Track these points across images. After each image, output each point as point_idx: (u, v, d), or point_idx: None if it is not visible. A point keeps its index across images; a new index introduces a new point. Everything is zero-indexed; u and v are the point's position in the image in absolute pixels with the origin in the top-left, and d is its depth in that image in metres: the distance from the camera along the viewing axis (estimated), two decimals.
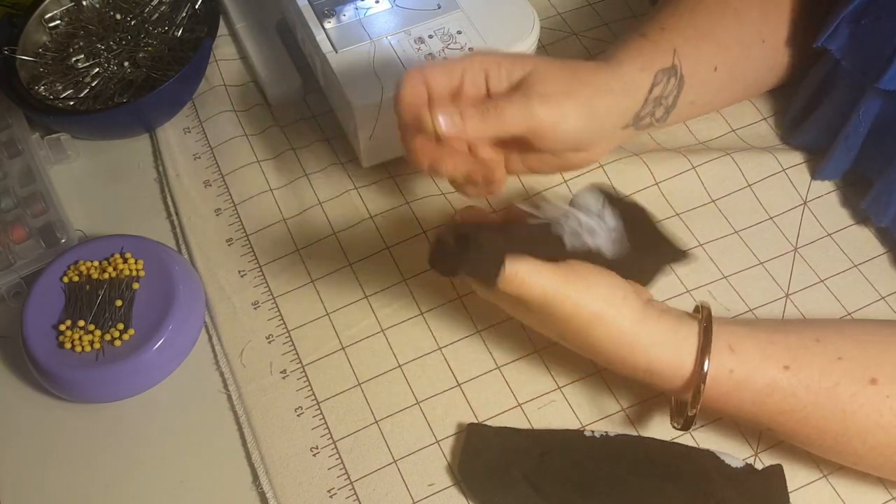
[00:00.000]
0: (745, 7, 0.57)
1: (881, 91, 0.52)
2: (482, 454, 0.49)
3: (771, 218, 0.60)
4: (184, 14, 0.69)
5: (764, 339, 0.46)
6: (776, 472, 0.49)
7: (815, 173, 0.60)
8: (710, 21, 0.56)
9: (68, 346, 0.53)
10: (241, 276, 0.59)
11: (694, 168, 0.61)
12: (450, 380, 0.54)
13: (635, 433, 0.51)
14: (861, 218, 0.59)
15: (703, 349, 0.44)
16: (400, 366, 0.55)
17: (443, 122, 0.44)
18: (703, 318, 0.45)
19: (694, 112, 0.61)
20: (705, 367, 0.44)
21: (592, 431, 0.50)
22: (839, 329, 0.48)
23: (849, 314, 0.55)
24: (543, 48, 0.70)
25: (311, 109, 0.68)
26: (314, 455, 0.51)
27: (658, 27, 0.54)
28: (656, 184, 0.61)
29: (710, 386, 0.44)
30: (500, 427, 0.51)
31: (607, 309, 0.44)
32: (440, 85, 0.46)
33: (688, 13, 0.56)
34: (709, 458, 0.49)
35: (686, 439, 0.51)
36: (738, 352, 0.45)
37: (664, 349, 0.45)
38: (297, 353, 0.55)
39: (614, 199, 0.48)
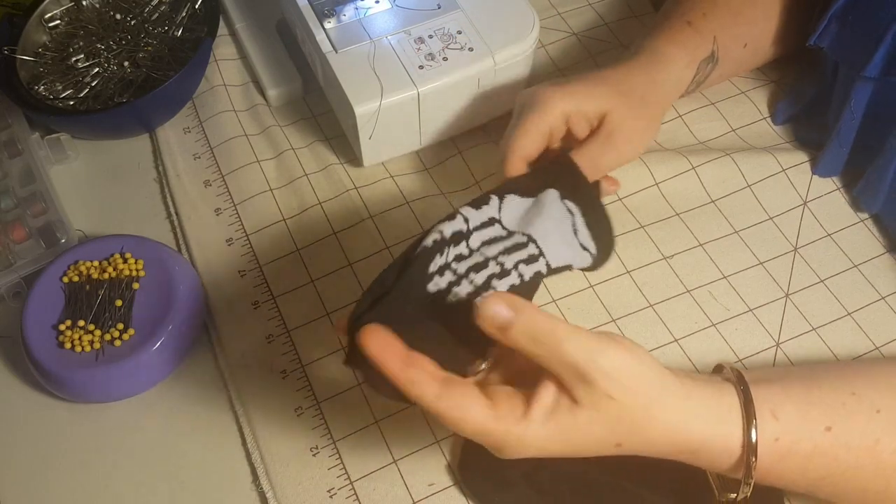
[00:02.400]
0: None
1: (868, 80, 0.54)
2: (482, 455, 0.49)
3: (771, 218, 0.60)
4: (184, 14, 0.69)
5: (802, 399, 0.42)
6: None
7: (814, 169, 0.61)
8: (743, 3, 0.60)
9: (68, 346, 0.53)
10: (241, 276, 0.59)
11: (694, 168, 0.61)
12: None
13: None
14: (861, 218, 0.60)
15: (749, 419, 0.40)
16: None
17: None
18: (740, 384, 0.41)
19: (715, 81, 0.64)
20: (753, 438, 0.40)
21: None
22: (869, 377, 0.45)
23: (849, 314, 0.55)
24: (543, 48, 0.70)
25: (311, 109, 0.68)
26: (314, 455, 0.51)
27: (700, 13, 0.58)
28: (656, 184, 0.61)
29: (758, 457, 0.40)
30: None
31: (655, 397, 0.39)
32: (535, 152, 0.52)
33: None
34: None
35: None
36: (781, 418, 0.41)
37: (714, 425, 0.40)
38: (297, 353, 0.55)
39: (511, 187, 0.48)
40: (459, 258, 0.46)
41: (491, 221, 0.48)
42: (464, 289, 0.45)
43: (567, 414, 0.38)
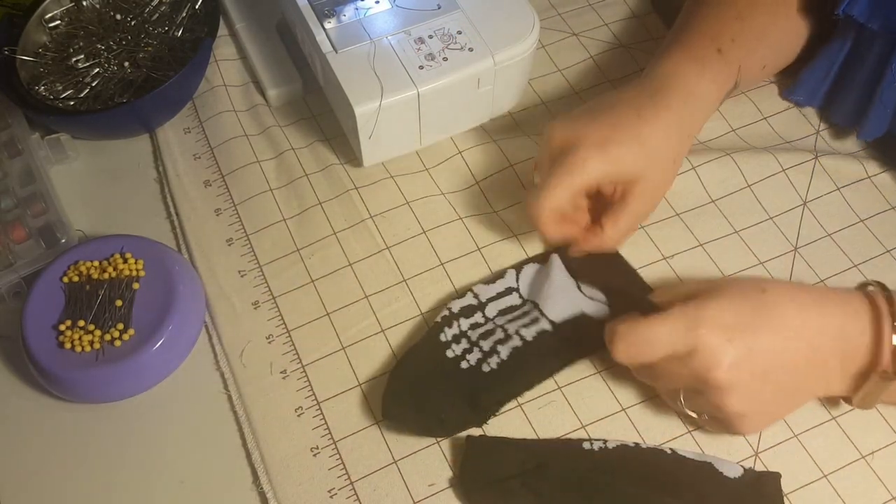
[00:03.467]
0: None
1: None
2: (482, 466, 0.49)
3: (771, 218, 0.60)
4: (184, 14, 0.69)
5: None
6: (772, 482, 0.49)
7: (858, 133, 0.61)
8: (767, 23, 0.58)
9: (68, 346, 0.53)
10: (241, 276, 0.59)
11: (694, 168, 0.61)
12: None
13: (635, 434, 0.51)
14: (861, 218, 0.60)
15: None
16: None
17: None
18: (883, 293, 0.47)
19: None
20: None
21: (591, 443, 0.50)
22: None
23: None
24: (543, 48, 0.70)
25: (311, 109, 0.68)
26: (314, 455, 0.51)
27: (729, 38, 0.56)
28: None
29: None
30: (499, 438, 0.51)
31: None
32: (568, 209, 0.53)
33: (749, 17, 0.57)
34: (706, 470, 0.49)
35: (687, 440, 0.51)
36: None
37: (852, 318, 0.46)
38: (297, 353, 0.55)
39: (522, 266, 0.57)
40: (475, 326, 0.54)
41: (508, 291, 0.56)
42: (474, 355, 0.53)
43: (693, 303, 0.46)
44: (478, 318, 0.54)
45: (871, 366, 0.46)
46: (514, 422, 0.52)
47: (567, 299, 0.54)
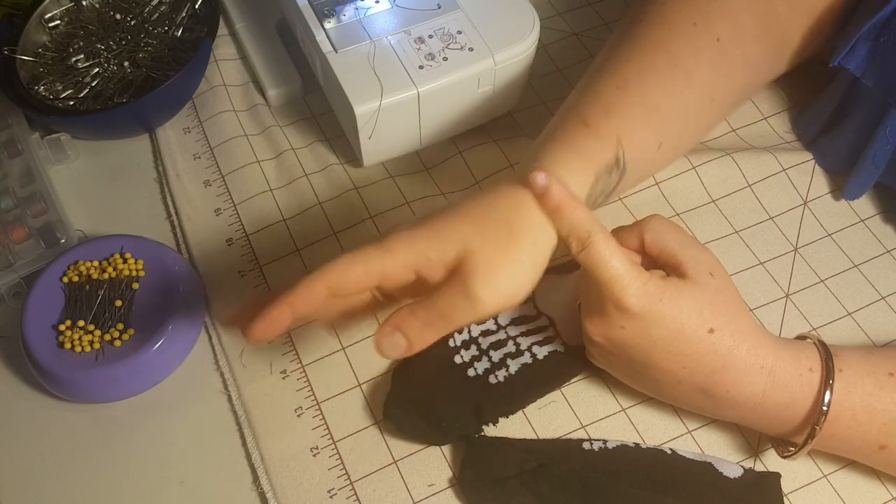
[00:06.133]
0: (697, 66, 0.50)
1: None
2: (482, 466, 0.49)
3: (771, 218, 0.60)
4: (184, 14, 0.69)
5: (862, 352, 0.46)
6: (772, 483, 0.49)
7: (844, 194, 0.59)
8: (659, 91, 0.49)
9: (68, 346, 0.53)
10: (241, 277, 0.59)
11: (694, 168, 0.61)
12: None
13: (635, 434, 0.51)
14: (861, 217, 0.59)
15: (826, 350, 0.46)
16: None
17: (386, 349, 0.42)
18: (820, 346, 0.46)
19: (628, 186, 0.51)
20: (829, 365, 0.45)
21: (591, 443, 0.50)
22: None
23: (849, 314, 0.55)
24: (543, 48, 0.70)
25: (311, 109, 0.68)
26: (314, 455, 0.51)
27: (602, 109, 0.48)
28: (656, 184, 0.61)
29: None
30: (499, 438, 0.51)
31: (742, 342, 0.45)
32: (348, 287, 0.43)
33: (636, 84, 0.49)
34: (706, 470, 0.49)
35: (687, 440, 0.51)
36: (844, 359, 0.46)
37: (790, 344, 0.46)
38: (297, 353, 0.55)
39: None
40: (486, 333, 0.54)
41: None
42: (482, 364, 0.52)
43: (677, 281, 0.44)
44: (489, 324, 0.54)
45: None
46: (514, 422, 0.52)
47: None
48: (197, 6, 0.69)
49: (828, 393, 0.44)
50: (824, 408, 0.44)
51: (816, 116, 0.61)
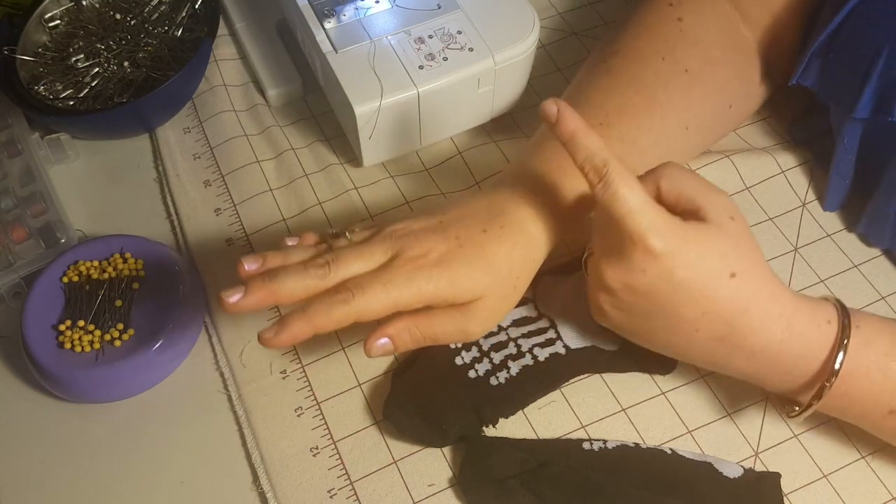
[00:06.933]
0: (667, 98, 0.53)
1: (857, 119, 0.52)
2: (482, 466, 0.49)
3: (770, 219, 0.60)
4: (184, 14, 0.69)
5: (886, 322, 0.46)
6: (772, 483, 0.49)
7: (823, 206, 0.60)
8: (635, 127, 0.52)
9: (68, 346, 0.53)
10: None
11: (694, 170, 0.61)
12: None
13: (635, 434, 0.51)
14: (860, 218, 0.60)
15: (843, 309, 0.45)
16: None
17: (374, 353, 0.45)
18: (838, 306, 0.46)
19: None
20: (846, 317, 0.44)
21: (591, 443, 0.50)
22: None
23: None
24: (543, 48, 0.70)
25: (311, 109, 0.68)
26: (314, 455, 0.51)
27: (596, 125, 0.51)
28: None
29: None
30: (499, 438, 0.51)
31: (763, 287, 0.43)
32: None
33: (616, 121, 0.52)
34: (706, 470, 0.49)
35: (687, 440, 0.51)
36: (864, 322, 0.45)
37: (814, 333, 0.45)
38: (297, 353, 0.55)
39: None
40: (488, 335, 0.53)
41: (523, 301, 0.55)
42: (484, 366, 0.52)
43: (700, 224, 0.43)
44: None
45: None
46: (514, 422, 0.52)
47: (584, 328, 0.53)
48: (197, 6, 0.69)
49: (842, 352, 0.43)
50: (839, 359, 0.43)
51: (814, 123, 0.62)
